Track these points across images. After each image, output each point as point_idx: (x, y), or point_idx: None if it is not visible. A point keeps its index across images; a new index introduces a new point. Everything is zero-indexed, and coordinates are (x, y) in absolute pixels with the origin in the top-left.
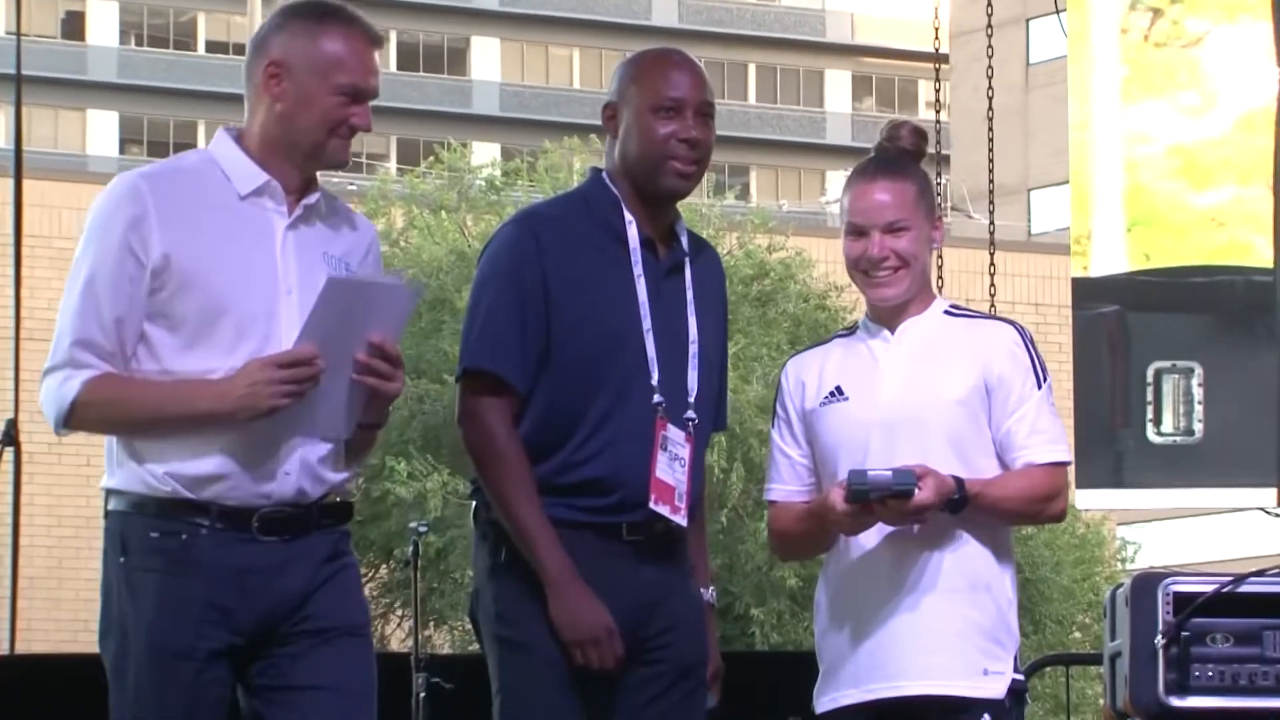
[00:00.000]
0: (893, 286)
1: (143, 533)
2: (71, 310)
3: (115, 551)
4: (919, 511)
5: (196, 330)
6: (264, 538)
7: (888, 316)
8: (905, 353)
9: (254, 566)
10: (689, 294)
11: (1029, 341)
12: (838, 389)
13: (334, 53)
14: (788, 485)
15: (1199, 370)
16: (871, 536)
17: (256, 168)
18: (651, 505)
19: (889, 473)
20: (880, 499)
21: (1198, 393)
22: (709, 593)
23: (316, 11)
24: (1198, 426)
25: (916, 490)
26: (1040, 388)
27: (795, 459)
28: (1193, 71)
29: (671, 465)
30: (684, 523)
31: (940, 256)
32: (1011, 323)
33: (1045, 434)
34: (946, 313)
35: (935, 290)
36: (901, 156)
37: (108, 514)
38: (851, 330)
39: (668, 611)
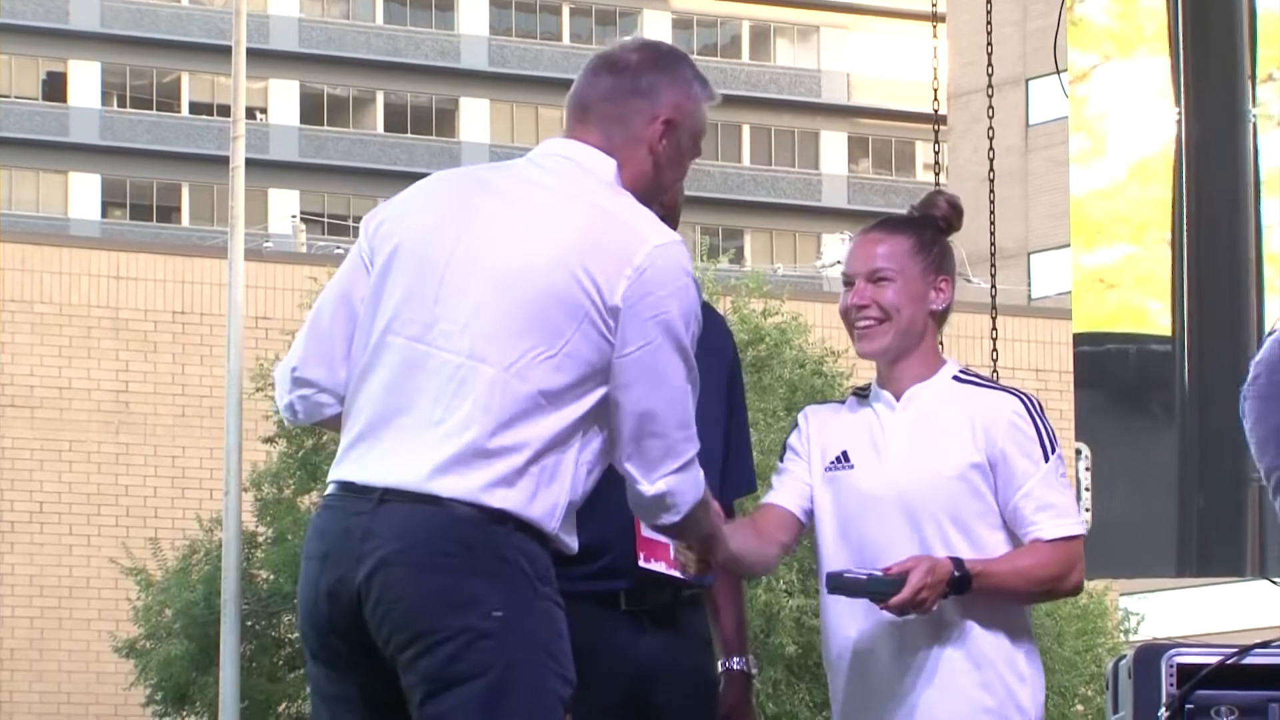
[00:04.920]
0: (874, 340)
1: (549, 564)
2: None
3: (529, 576)
4: (905, 607)
5: None
6: None
7: (893, 381)
8: (909, 422)
9: None
10: None
11: (1036, 412)
12: (844, 455)
13: (705, 127)
14: (775, 492)
15: (1086, 452)
16: (868, 615)
17: None
18: (643, 564)
19: (864, 577)
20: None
21: (1085, 478)
22: (742, 661)
23: (704, 79)
24: (1085, 516)
25: (893, 593)
26: (1048, 459)
27: (799, 476)
28: (1078, 111)
29: None
30: (685, 577)
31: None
32: (1018, 393)
33: (1053, 508)
34: (955, 378)
35: (943, 354)
36: (918, 218)
37: (506, 533)
38: (865, 392)
39: (671, 685)
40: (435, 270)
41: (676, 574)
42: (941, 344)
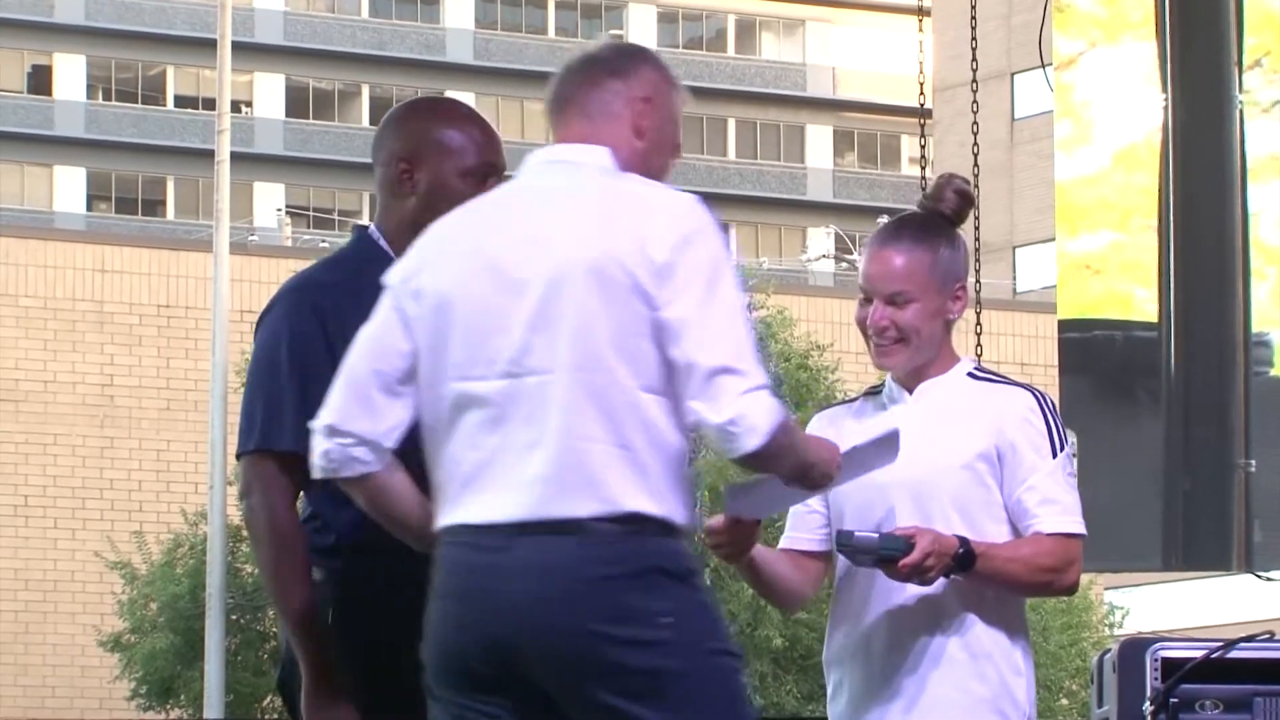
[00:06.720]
0: (892, 357)
1: (689, 557)
2: (745, 328)
3: (683, 575)
4: (910, 572)
5: None
6: None
7: (907, 378)
8: (921, 415)
9: None
10: None
11: (1048, 409)
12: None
13: (681, 116)
14: (792, 532)
15: (1072, 439)
16: (870, 607)
17: None
18: None
19: (875, 536)
20: (872, 562)
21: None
22: None
23: (673, 74)
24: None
25: (904, 555)
26: (1056, 456)
27: (811, 506)
28: (1064, 98)
29: None
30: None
31: None
32: (1031, 389)
33: (1057, 504)
34: (970, 375)
35: (958, 351)
36: (932, 219)
37: (643, 540)
38: (878, 389)
39: None
40: (488, 305)
41: None
42: None
